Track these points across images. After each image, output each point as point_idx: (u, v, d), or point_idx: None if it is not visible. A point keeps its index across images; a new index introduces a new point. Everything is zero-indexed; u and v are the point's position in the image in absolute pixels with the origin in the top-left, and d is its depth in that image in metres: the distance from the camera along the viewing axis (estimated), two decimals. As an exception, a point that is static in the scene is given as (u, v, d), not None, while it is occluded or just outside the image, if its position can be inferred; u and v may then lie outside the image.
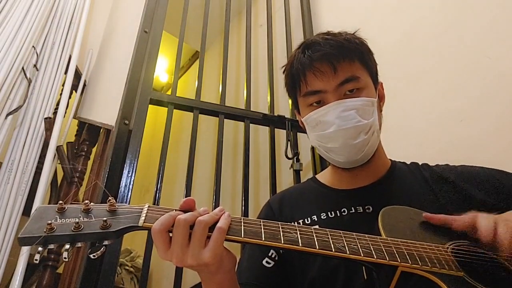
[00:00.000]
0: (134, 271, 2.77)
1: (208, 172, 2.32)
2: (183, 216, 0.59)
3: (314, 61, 0.81)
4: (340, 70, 0.80)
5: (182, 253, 0.58)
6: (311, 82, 0.82)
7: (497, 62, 1.24)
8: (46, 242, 0.55)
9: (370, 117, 0.80)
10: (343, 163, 0.84)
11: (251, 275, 0.82)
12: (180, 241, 0.58)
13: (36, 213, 0.58)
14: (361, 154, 0.81)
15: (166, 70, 4.09)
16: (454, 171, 0.87)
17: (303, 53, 0.84)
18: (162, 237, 0.58)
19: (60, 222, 0.56)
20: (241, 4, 2.56)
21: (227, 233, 0.59)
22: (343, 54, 0.81)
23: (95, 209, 0.59)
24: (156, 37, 1.77)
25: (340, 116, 0.78)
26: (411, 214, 0.72)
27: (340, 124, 0.78)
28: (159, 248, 0.59)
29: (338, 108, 0.79)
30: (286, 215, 0.89)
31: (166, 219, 0.59)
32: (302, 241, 0.60)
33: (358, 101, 0.80)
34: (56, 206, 0.59)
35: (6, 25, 1.59)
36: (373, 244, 0.61)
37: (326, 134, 0.81)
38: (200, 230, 0.58)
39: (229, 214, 0.62)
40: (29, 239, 0.54)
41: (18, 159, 1.55)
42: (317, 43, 0.83)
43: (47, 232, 0.54)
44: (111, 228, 0.57)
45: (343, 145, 0.79)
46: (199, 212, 0.61)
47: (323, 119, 0.81)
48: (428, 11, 1.53)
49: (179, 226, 0.58)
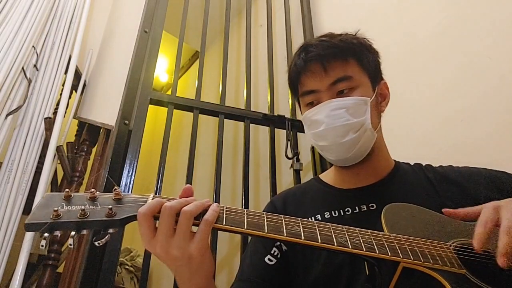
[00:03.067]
0: (134, 271, 2.77)
1: (208, 172, 2.32)
2: (169, 203, 0.58)
3: (307, 62, 0.85)
4: (331, 70, 0.83)
5: (166, 242, 0.57)
6: (305, 83, 0.86)
7: (497, 62, 1.24)
8: (52, 228, 0.55)
9: (361, 116, 0.81)
10: (335, 161, 0.86)
11: (253, 272, 0.83)
12: (164, 230, 0.57)
13: (43, 200, 0.58)
14: (351, 153, 0.82)
15: (166, 70, 4.09)
16: (457, 172, 0.87)
17: (299, 55, 0.87)
18: (147, 222, 0.58)
19: (67, 209, 0.56)
20: (241, 4, 2.57)
21: (230, 225, 0.59)
22: (334, 55, 0.84)
23: (101, 197, 0.59)
24: (156, 37, 1.77)
25: (329, 115, 0.81)
26: (414, 211, 0.72)
27: (328, 123, 0.81)
28: (143, 235, 0.59)
29: (328, 107, 0.81)
30: (289, 214, 0.88)
31: (153, 204, 0.58)
32: (304, 234, 0.60)
33: (349, 100, 0.82)
34: (62, 194, 0.59)
35: (6, 25, 1.59)
36: (376, 239, 0.62)
37: (317, 133, 0.83)
38: (185, 220, 0.58)
39: (217, 205, 0.62)
40: (35, 225, 0.54)
41: (18, 159, 1.55)
42: (310, 45, 0.87)
43: (53, 218, 0.54)
44: (116, 216, 0.57)
45: (332, 143, 0.82)
46: (187, 200, 0.60)
47: (315, 118, 0.83)
48: (428, 12, 1.54)
49: (164, 213, 0.58)
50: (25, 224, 0.54)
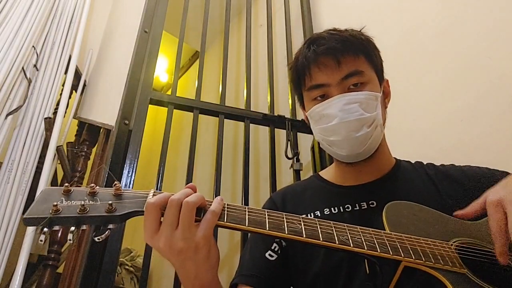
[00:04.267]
0: (134, 271, 2.77)
1: (208, 172, 2.32)
2: (175, 196, 0.59)
3: (319, 55, 0.82)
4: (344, 64, 0.81)
5: (171, 235, 0.58)
6: (315, 76, 0.83)
7: (497, 62, 1.24)
8: (51, 223, 0.54)
9: (373, 111, 0.81)
10: (346, 157, 0.84)
11: (253, 267, 0.82)
12: (169, 222, 0.58)
13: (42, 195, 0.57)
14: (363, 147, 0.81)
15: (166, 70, 4.09)
16: (459, 170, 0.87)
17: (308, 48, 0.85)
18: (154, 213, 0.58)
19: (66, 204, 0.56)
20: (241, 4, 2.57)
21: (232, 221, 0.59)
22: (347, 48, 0.82)
23: (101, 193, 0.59)
24: (156, 37, 1.77)
25: (343, 109, 0.79)
26: (415, 210, 0.72)
27: (343, 116, 0.79)
28: (148, 228, 0.59)
29: (341, 101, 0.80)
30: (288, 211, 0.88)
31: (162, 196, 0.59)
32: (306, 232, 0.59)
33: (361, 95, 0.80)
34: (62, 188, 0.58)
35: (6, 25, 1.59)
36: (377, 238, 0.61)
37: (329, 127, 0.81)
38: (188, 211, 0.58)
39: (222, 198, 0.62)
40: (34, 220, 0.54)
41: (18, 159, 1.55)
42: (322, 37, 0.84)
43: (52, 213, 0.54)
44: (116, 212, 0.56)
45: (345, 137, 0.80)
46: (189, 192, 0.61)
47: (326, 112, 0.81)
48: (428, 11, 1.54)
49: (171, 206, 0.58)
50: (24, 219, 0.54)
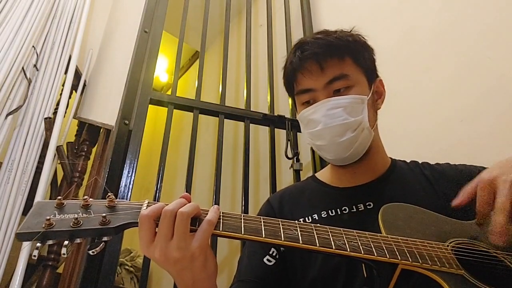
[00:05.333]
0: (134, 271, 2.77)
1: (208, 172, 2.32)
2: (169, 206, 0.58)
3: (302, 61, 0.83)
4: (328, 68, 0.82)
5: (165, 245, 0.57)
6: (301, 82, 0.85)
7: (497, 62, 1.24)
8: (44, 238, 0.54)
9: (358, 115, 0.81)
10: (333, 160, 0.86)
11: (252, 272, 0.82)
12: (164, 232, 0.57)
13: (35, 209, 0.57)
14: (349, 152, 0.81)
15: (166, 70, 4.09)
16: (455, 169, 0.87)
17: (294, 53, 0.86)
18: (148, 224, 0.58)
19: (59, 217, 0.55)
20: (241, 4, 2.57)
21: (228, 230, 0.59)
22: (330, 53, 0.82)
23: (94, 205, 0.58)
24: (156, 37, 1.77)
25: (327, 114, 0.80)
26: (411, 211, 0.72)
27: (326, 122, 0.80)
28: (142, 239, 0.58)
29: (325, 106, 0.80)
30: (286, 213, 0.88)
31: (155, 207, 0.58)
32: (302, 238, 0.59)
33: (346, 99, 0.81)
34: (55, 202, 0.58)
35: (6, 25, 1.59)
36: (374, 242, 0.61)
37: (315, 132, 0.82)
38: (182, 221, 0.57)
39: (218, 207, 0.62)
40: (27, 235, 0.53)
41: (18, 159, 1.55)
42: (306, 43, 0.85)
43: (45, 227, 0.53)
44: (111, 224, 0.56)
45: (330, 142, 0.81)
46: (183, 202, 0.60)
47: (312, 118, 0.82)
48: (428, 11, 1.53)
49: (165, 217, 0.58)
50: (17, 234, 0.53)
